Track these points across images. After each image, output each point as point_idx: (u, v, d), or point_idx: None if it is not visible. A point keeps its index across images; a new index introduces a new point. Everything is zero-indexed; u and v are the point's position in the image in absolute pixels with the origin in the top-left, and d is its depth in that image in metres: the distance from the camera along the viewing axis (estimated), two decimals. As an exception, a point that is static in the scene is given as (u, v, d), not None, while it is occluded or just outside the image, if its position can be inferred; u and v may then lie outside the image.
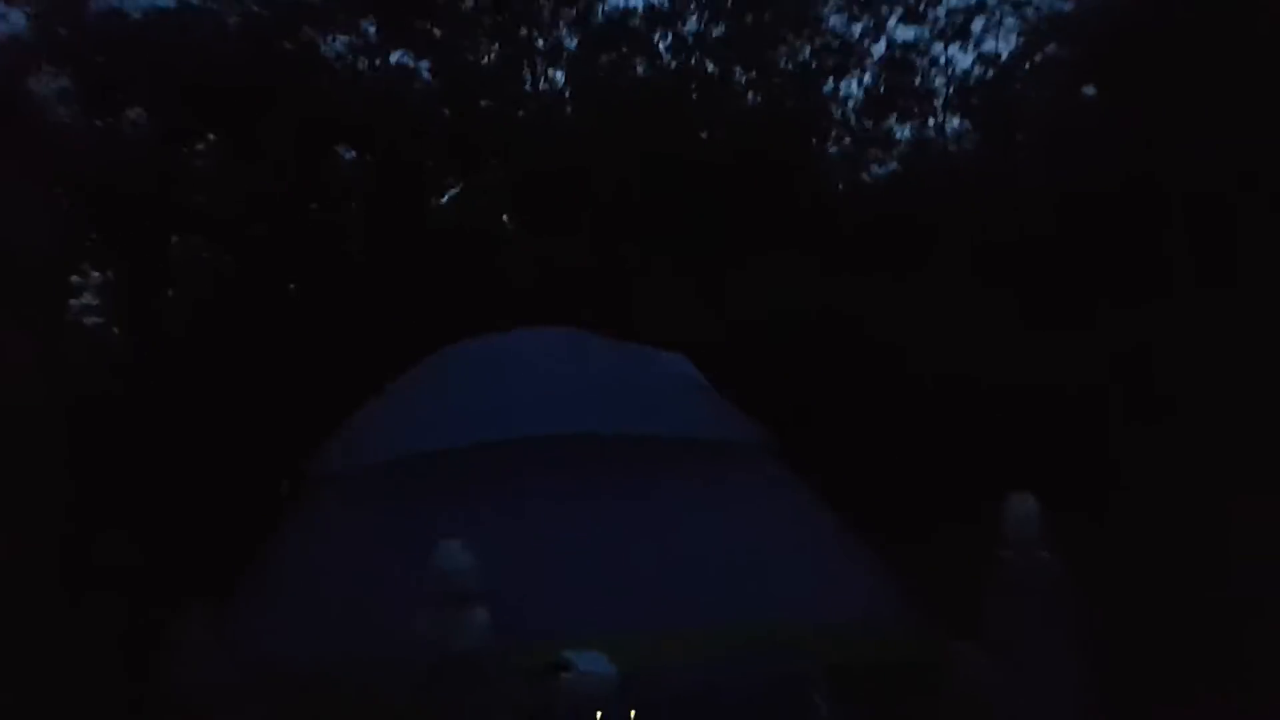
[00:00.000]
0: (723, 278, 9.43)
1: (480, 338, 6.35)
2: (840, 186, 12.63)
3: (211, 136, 11.29)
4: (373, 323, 9.07)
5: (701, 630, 3.87)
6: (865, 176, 13.26)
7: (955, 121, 13.43)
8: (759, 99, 12.85)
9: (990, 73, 12.97)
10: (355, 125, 11.07)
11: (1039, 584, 3.21)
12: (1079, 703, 3.07)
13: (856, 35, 13.36)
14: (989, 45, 13.07)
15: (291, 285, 10.79)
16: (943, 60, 13.37)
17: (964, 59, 14.08)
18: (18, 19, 11.06)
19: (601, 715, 3.13)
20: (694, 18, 13.06)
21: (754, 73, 13.08)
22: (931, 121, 13.52)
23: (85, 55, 11.02)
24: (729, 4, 12.92)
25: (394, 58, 12.32)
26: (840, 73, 13.36)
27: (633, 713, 3.21)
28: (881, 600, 4.80)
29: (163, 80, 10.60)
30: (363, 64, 12.18)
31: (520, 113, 12.30)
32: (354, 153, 11.86)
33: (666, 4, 12.91)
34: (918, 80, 13.39)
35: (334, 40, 12.18)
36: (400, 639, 3.10)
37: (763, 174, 10.54)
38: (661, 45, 12.96)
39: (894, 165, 13.24)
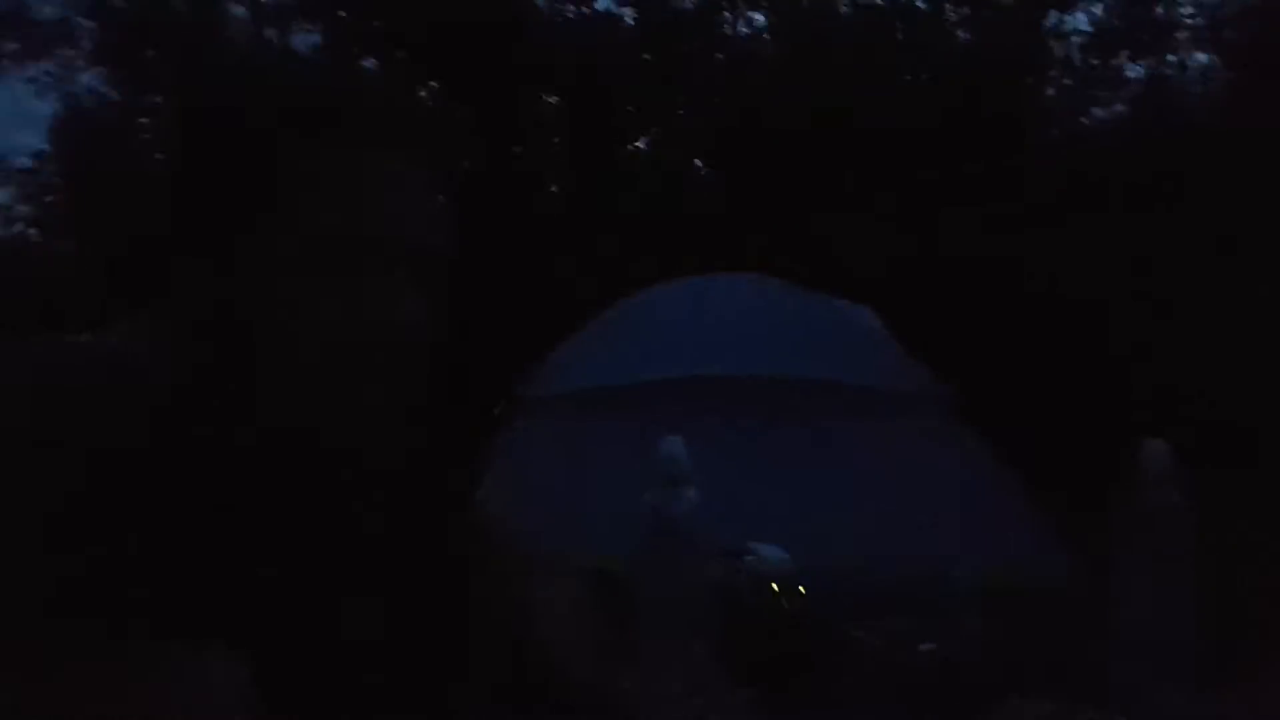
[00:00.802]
0: (924, 226, 9.19)
1: (676, 281, 6.79)
2: (1058, 132, 11.83)
3: (433, 82, 12.13)
4: (579, 259, 9.61)
5: (863, 564, 4.30)
6: (1086, 120, 12.33)
7: (1201, 58, 12.14)
8: (972, 37, 12.19)
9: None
10: (562, 68, 11.59)
11: (1168, 524, 3.43)
12: (1196, 640, 3.31)
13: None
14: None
15: (500, 223, 11.55)
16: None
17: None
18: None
19: (776, 589, 3.75)
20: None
21: (965, 9, 12.40)
22: (1171, 59, 12.29)
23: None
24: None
25: (600, 4, 12.70)
26: (1065, 5, 12.38)
27: (802, 588, 3.78)
28: (1031, 549, 5.09)
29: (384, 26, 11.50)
30: (571, 11, 12.63)
31: (720, 56, 12.36)
32: (558, 97, 12.42)
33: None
34: (1157, 9, 12.18)
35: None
36: (619, 519, 3.64)
37: (971, 116, 10.06)
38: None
39: (1121, 109, 12.21)
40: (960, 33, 12.34)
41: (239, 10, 13.86)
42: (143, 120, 13.54)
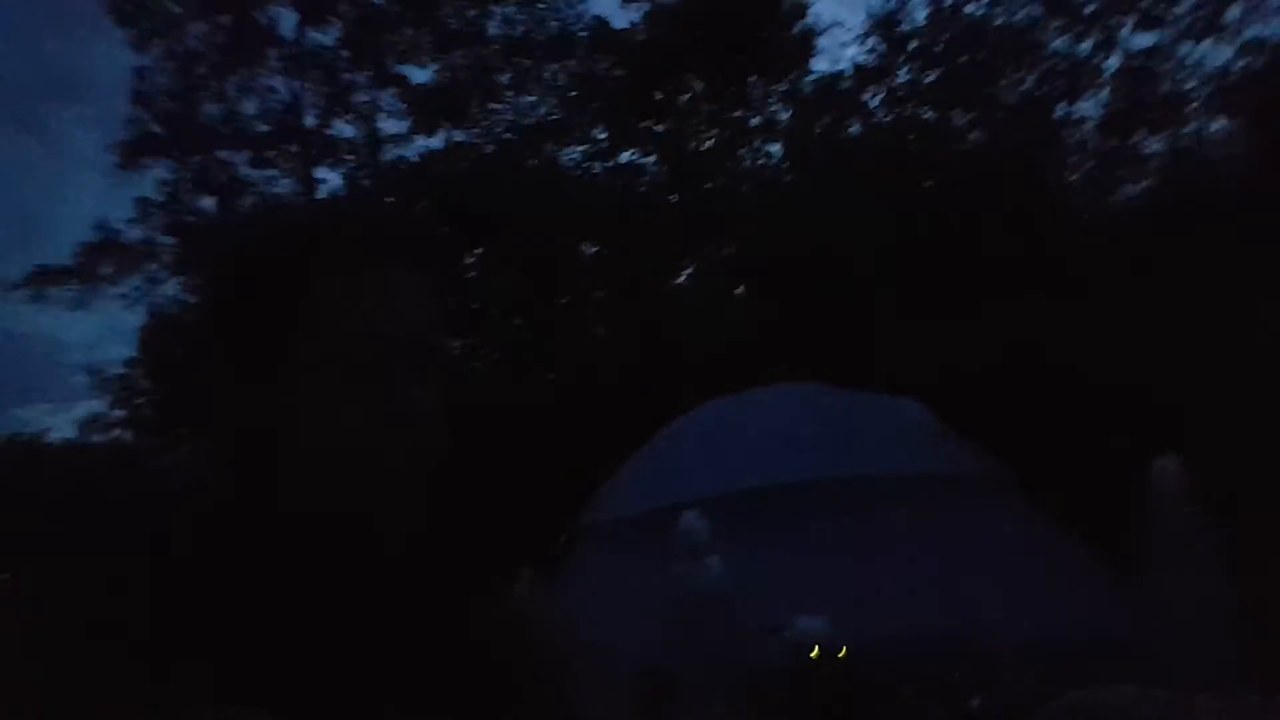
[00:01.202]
0: (962, 320, 9.31)
1: (729, 396, 7.06)
2: (1085, 215, 11.99)
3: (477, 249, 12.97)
4: (626, 389, 9.89)
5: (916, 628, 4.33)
6: (1113, 200, 12.48)
7: (1220, 124, 12.30)
8: (984, 137, 12.64)
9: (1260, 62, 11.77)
10: (595, 219, 12.31)
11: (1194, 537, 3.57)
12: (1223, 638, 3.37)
13: (1087, 52, 12.79)
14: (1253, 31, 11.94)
15: (552, 371, 11.99)
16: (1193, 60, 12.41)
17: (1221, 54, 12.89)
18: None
19: (817, 656, 3.90)
20: (905, 68, 13.21)
21: (975, 113, 12.93)
22: (1188, 129, 12.50)
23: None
24: (940, 50, 12.95)
25: (624, 157, 13.59)
26: (1072, 95, 12.83)
27: (841, 652, 3.95)
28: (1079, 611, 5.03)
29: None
30: (598, 168, 13.52)
31: (744, 188, 13.00)
32: (595, 247, 13.13)
33: (876, 60, 13.19)
34: (1166, 86, 12.51)
35: (571, 150, 13.74)
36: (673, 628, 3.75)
37: (992, 212, 10.34)
38: (874, 101, 13.20)
39: (1146, 183, 12.34)
40: (974, 134, 12.82)
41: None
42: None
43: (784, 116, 13.49)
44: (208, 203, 16.14)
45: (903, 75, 13.30)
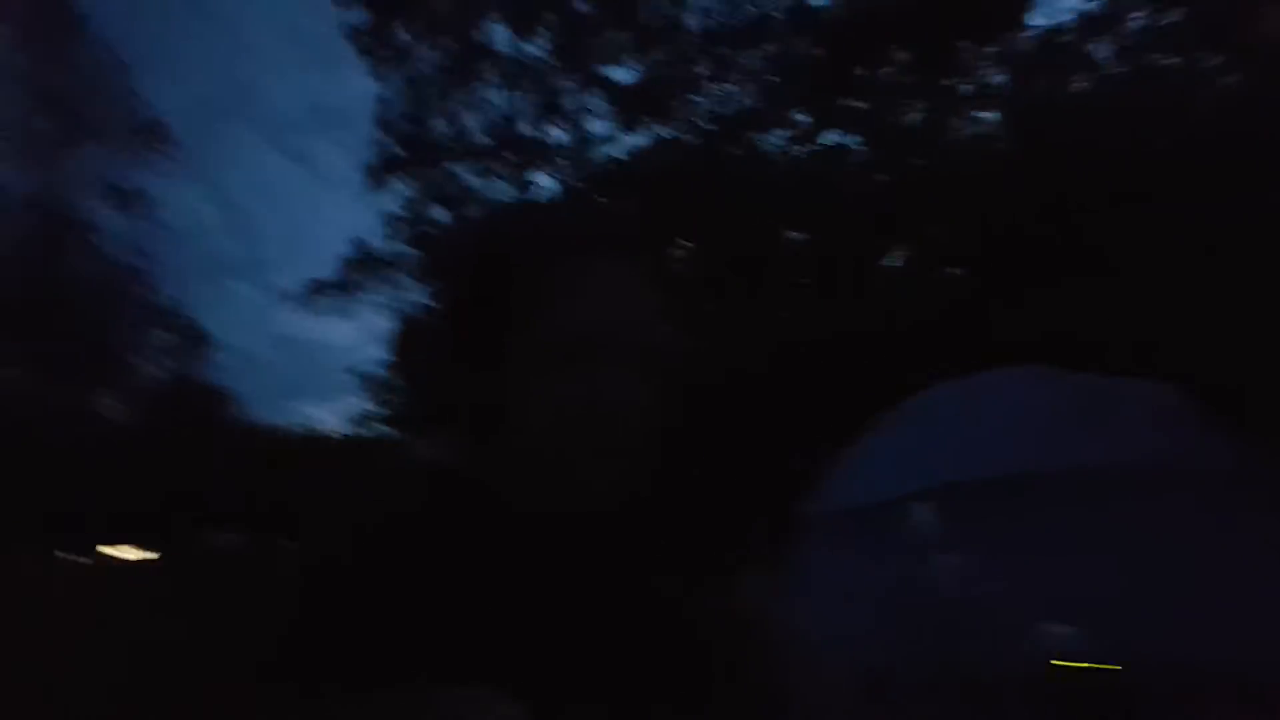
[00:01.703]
0: (1215, 294, 8.45)
1: (953, 381, 6.85)
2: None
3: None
4: (842, 376, 9.86)
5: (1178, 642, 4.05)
6: None
7: None
8: (1240, 83, 11.27)
9: None
10: (801, 204, 12.27)
11: None
12: None
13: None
14: None
15: (767, 346, 12.10)
16: None
17: None
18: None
19: (1064, 666, 3.75)
20: (1139, 11, 12.02)
21: (1228, 56, 11.54)
22: None
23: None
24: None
25: (827, 139, 13.41)
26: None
27: (1103, 665, 3.75)
28: None
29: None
30: (800, 152, 13.43)
31: (957, 162, 12.42)
32: (806, 232, 13.07)
33: (1103, 6, 12.12)
34: None
35: (773, 135, 13.76)
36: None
37: (1252, 171, 9.24)
38: (1103, 53, 12.14)
39: None
40: (1228, 80, 11.47)
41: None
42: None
43: (999, 80, 12.74)
44: (441, 213, 17.77)
45: (1136, 20, 12.12)
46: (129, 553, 26.20)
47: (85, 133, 27.73)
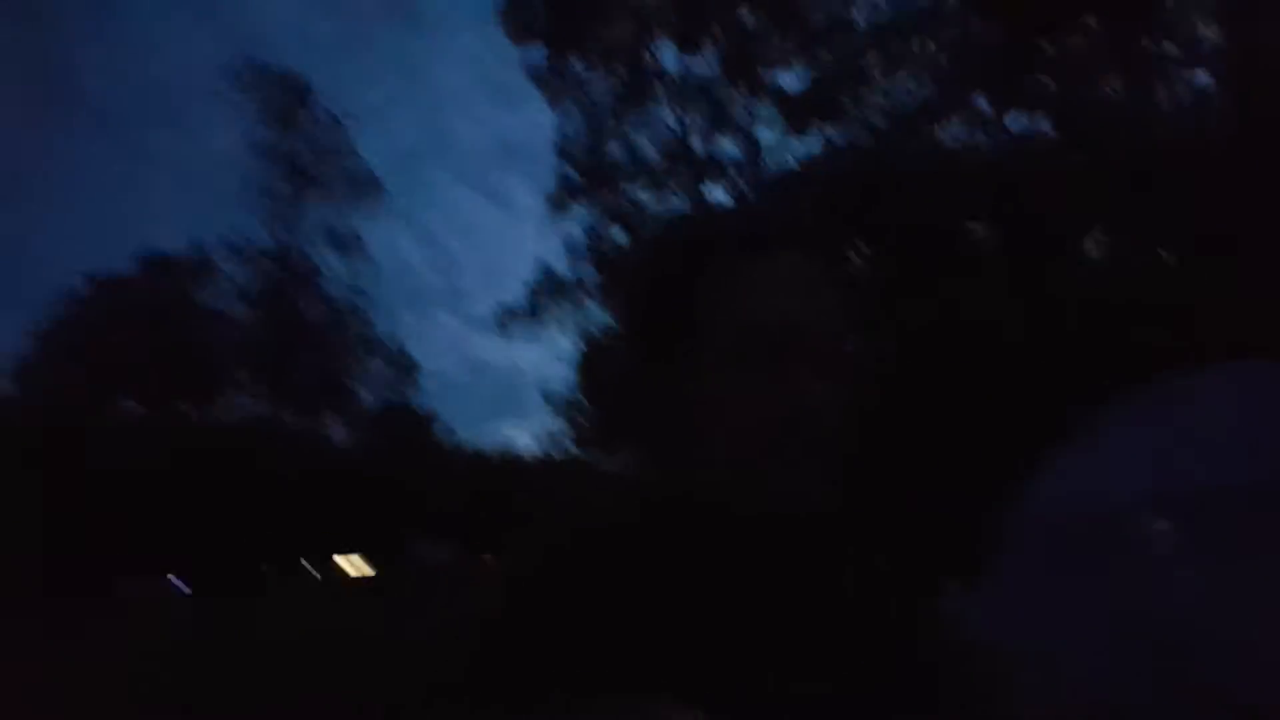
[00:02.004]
0: None
1: (1171, 379, 6.24)
2: None
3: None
4: (1042, 375, 9.15)
5: None
6: None
7: None
8: None
9: None
10: (988, 195, 11.53)
11: None
12: None
13: None
14: None
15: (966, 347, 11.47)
16: None
17: None
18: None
19: None
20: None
21: None
22: None
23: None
24: None
25: (1013, 124, 12.54)
26: None
27: None
28: None
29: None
30: (980, 138, 12.65)
31: (1163, 135, 11.22)
32: (994, 225, 12.28)
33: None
34: None
35: (953, 126, 13.04)
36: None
37: None
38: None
39: None
40: None
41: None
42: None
43: (1209, 34, 11.38)
44: (619, 234, 18.28)
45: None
46: (356, 565, 28.78)
47: (311, 187, 31.08)
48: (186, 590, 20.84)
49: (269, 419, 28.53)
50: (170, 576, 22.23)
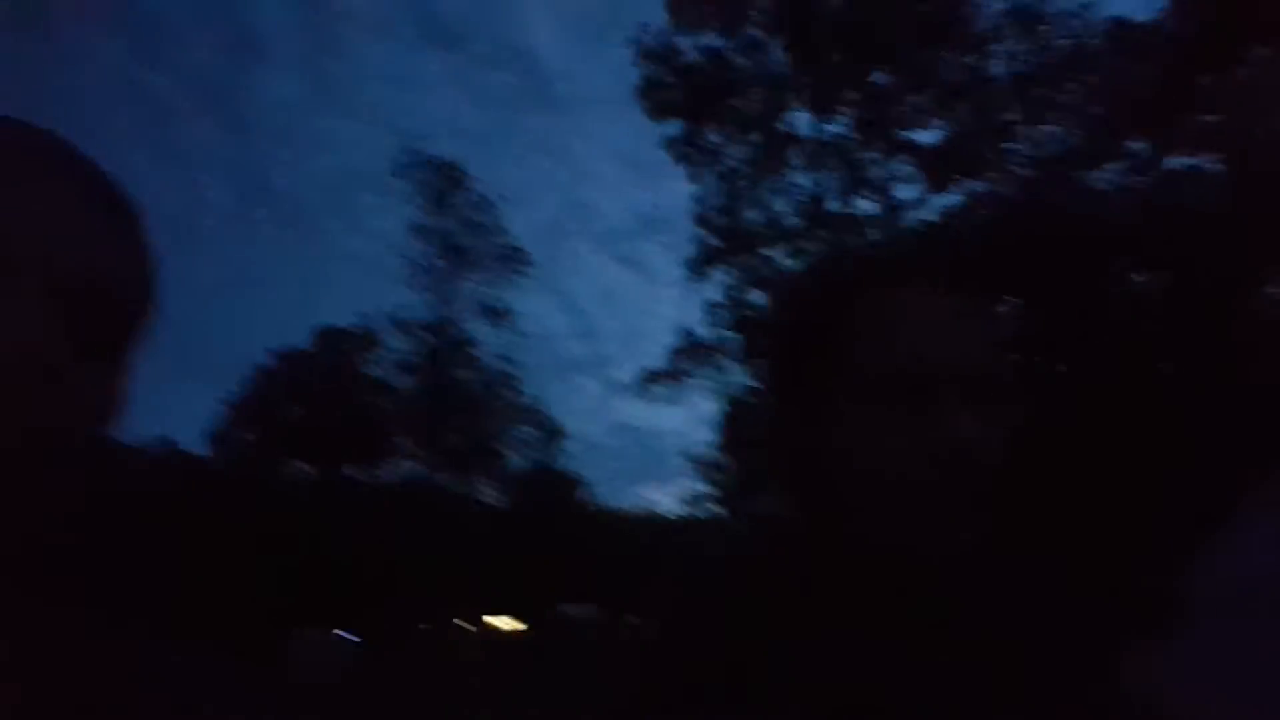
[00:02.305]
0: None
1: None
2: None
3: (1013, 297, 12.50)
4: (1221, 421, 8.56)
5: None
6: None
7: None
8: None
9: None
10: (1149, 238, 11.04)
11: None
12: None
13: None
14: None
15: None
16: None
17: None
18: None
19: None
20: None
21: None
22: None
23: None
24: None
25: (1171, 164, 12.00)
26: None
27: None
28: None
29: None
30: (1138, 181, 12.16)
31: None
32: (1157, 268, 11.70)
33: None
34: None
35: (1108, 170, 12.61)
36: None
37: None
38: None
39: None
40: None
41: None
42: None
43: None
44: (759, 296, 18.50)
45: None
46: (506, 623, 29.44)
47: (464, 263, 33.12)
48: (356, 640, 21.95)
49: (426, 481, 30.03)
50: (336, 630, 23.51)
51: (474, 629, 28.49)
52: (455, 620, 28.58)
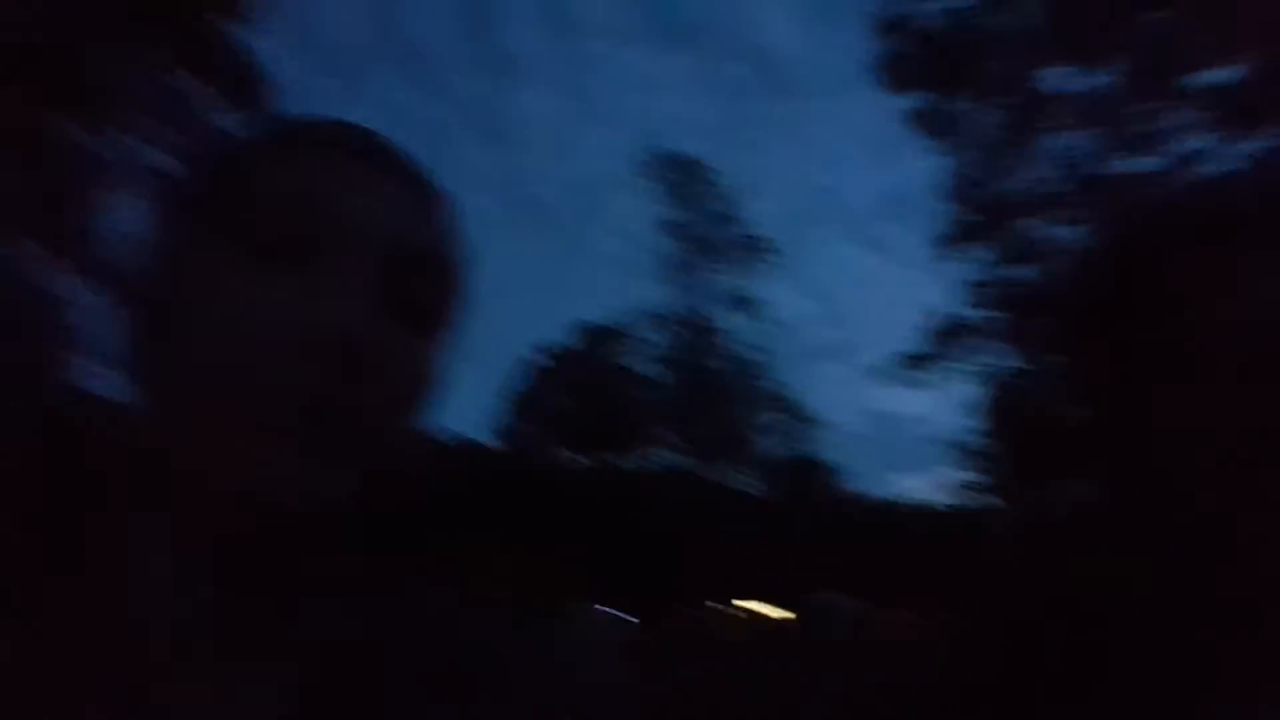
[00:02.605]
0: None
1: None
2: None
3: None
4: None
5: None
6: None
7: None
8: None
9: None
10: None
11: None
12: None
13: None
14: None
15: None
16: None
17: None
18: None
19: None
20: None
21: None
22: None
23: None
24: None
25: None
26: None
27: None
28: None
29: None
30: None
31: None
32: None
33: None
34: None
35: None
36: None
37: None
38: None
39: None
40: None
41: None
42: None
43: None
44: (1023, 269, 17.31)
45: None
46: (768, 610, 29.78)
47: (711, 255, 33.82)
48: (633, 620, 23.35)
49: (681, 470, 31.17)
50: (600, 607, 25.13)
51: (737, 613, 29.15)
52: (718, 604, 29.41)
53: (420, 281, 0.57)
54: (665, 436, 32.45)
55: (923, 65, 17.86)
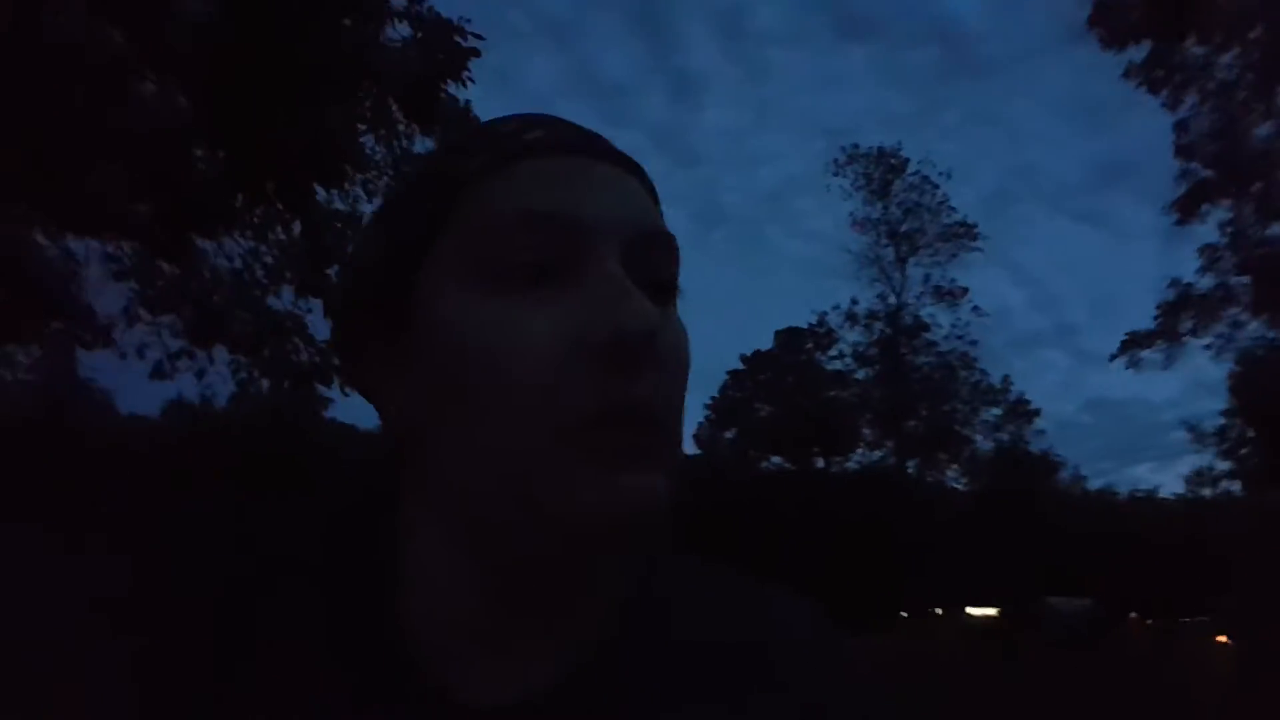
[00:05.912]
0: None
1: None
2: None
3: None
4: None
5: None
6: None
7: None
8: None
9: None
10: None
11: None
12: None
13: None
14: None
15: None
16: None
17: None
18: None
19: None
20: None
21: None
22: None
23: None
24: None
25: None
26: None
27: None
28: None
29: None
30: None
31: None
32: None
33: None
34: None
35: None
36: None
37: None
38: None
39: None
40: None
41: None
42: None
43: None
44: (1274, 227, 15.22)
45: None
46: (989, 611, 27.92)
47: (912, 247, 32.41)
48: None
49: (892, 470, 29.98)
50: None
51: (956, 617, 27.62)
52: (937, 609, 27.99)
53: (660, 256, 0.53)
54: (872, 436, 31.42)
55: (1145, 9, 16.16)
